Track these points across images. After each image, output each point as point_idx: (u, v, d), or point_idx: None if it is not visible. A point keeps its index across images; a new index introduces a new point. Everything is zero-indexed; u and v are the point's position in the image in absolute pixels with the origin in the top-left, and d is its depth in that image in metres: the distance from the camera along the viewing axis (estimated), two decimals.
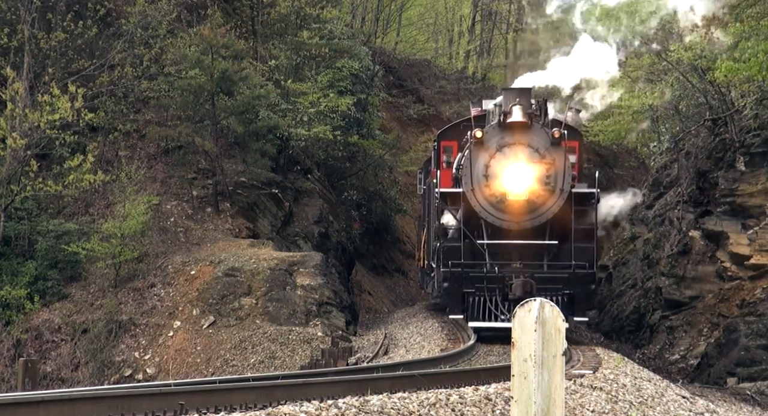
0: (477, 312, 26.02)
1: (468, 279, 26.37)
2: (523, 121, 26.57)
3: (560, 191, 26.40)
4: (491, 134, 26.77)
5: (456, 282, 26.42)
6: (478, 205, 26.69)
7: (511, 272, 26.15)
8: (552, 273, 26.34)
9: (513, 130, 26.54)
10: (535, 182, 26.23)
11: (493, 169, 26.47)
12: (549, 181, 26.30)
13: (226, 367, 27.25)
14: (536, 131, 26.62)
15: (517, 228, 26.61)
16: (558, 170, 26.32)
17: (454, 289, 26.51)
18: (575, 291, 25.86)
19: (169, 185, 33.70)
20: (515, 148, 26.42)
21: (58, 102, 30.46)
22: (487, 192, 26.58)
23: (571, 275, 26.10)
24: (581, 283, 26.03)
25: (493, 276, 26.16)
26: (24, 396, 10.33)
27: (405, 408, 10.82)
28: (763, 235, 29.14)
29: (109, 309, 29.50)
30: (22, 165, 30.67)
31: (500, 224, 26.63)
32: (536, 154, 26.29)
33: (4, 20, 32.50)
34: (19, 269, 30.24)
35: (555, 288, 25.77)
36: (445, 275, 26.62)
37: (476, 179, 26.71)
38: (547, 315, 6.80)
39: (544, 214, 26.50)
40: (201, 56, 32.85)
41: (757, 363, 27.11)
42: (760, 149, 29.64)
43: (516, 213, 26.48)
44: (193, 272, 30.48)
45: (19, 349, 28.86)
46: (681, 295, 30.56)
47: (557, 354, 6.82)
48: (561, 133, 26.53)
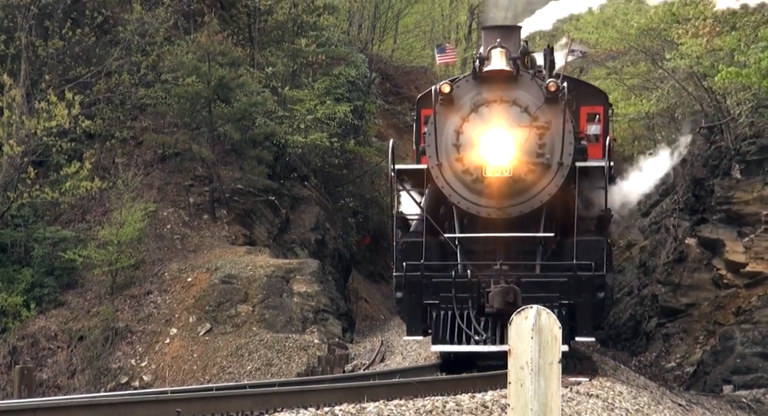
0: (443, 331, 19.14)
1: (430, 286, 19.45)
2: (507, 69, 19.62)
3: (558, 165, 19.52)
4: (464, 89, 19.94)
5: (413, 291, 19.51)
6: (447, 186, 19.82)
7: (489, 276, 19.07)
8: (546, 276, 19.41)
9: (493, 83, 19.75)
10: (524, 153, 19.37)
11: (466, 135, 19.58)
12: (543, 151, 19.46)
13: (222, 374, 27.25)
14: (525, 84, 19.85)
15: (501, 217, 19.69)
16: (555, 137, 19.51)
17: (410, 301, 19.59)
18: (576, 302, 19.06)
19: (166, 192, 33.72)
20: (495, 107, 19.58)
21: (55, 109, 30.50)
22: (459, 167, 19.67)
23: (571, 279, 19.21)
24: (585, 290, 19.18)
25: (464, 281, 19.05)
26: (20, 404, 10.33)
27: (401, 415, 10.83)
28: (759, 243, 29.16)
29: (105, 317, 29.50)
30: (18, 172, 30.70)
31: (477, 211, 19.76)
32: (525, 114, 19.52)
33: (1, 27, 32.56)
34: (15, 276, 30.24)
35: (549, 297, 18.82)
36: (399, 281, 19.84)
37: (444, 150, 19.80)
38: (543, 323, 6.82)
39: (536, 197, 19.59)
40: (198, 63, 32.89)
41: (753, 371, 27.11)
42: (756, 157, 29.68)
43: (498, 195, 19.53)
44: (189, 279, 30.49)
45: (15, 357, 28.83)
46: (677, 303, 30.58)
47: (554, 362, 6.83)
48: (558, 85, 19.50)
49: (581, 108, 22.91)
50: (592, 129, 22.66)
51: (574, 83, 23.43)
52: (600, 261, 19.48)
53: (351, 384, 13.82)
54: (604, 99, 24.06)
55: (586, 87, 24.38)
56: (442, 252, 20.12)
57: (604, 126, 23.19)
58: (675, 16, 27.47)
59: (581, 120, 22.91)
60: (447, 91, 19.75)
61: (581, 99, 23.00)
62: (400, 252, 20.18)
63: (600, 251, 19.60)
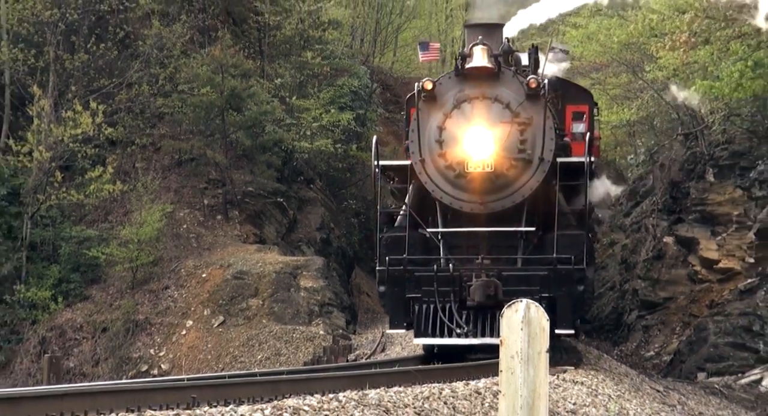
0: (425, 324, 18.31)
1: (413, 280, 18.58)
2: (488, 66, 18.71)
3: (539, 161, 18.66)
4: (447, 86, 19.07)
5: (396, 284, 18.69)
6: (430, 182, 18.97)
7: (470, 270, 18.34)
8: (527, 270, 18.55)
9: (475, 80, 18.84)
10: (505, 149, 18.53)
11: (448, 132, 18.74)
12: (524, 147, 18.59)
13: (234, 363, 27.24)
14: (506, 80, 18.93)
15: (483, 212, 18.84)
16: (536, 133, 18.64)
17: (393, 294, 18.74)
18: (556, 295, 18.14)
19: (182, 194, 33.71)
20: (477, 104, 18.71)
21: (80, 118, 30.54)
22: (442, 163, 18.81)
23: (551, 273, 18.30)
24: (565, 284, 18.29)
25: (446, 275, 18.29)
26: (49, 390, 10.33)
27: (401, 401, 10.82)
28: (731, 241, 29.19)
29: (126, 310, 29.50)
30: (47, 176, 30.70)
31: (460, 206, 18.88)
32: (506, 111, 18.64)
33: (32, 42, 32.57)
34: (44, 272, 30.26)
35: (530, 290, 17.84)
36: (381, 276, 18.99)
37: (427, 147, 19.00)
38: (532, 315, 6.83)
39: (518, 192, 18.70)
40: (212, 75, 32.89)
41: (725, 360, 27.12)
42: (728, 162, 29.72)
43: (480, 191, 18.70)
44: (204, 275, 30.48)
45: (45, 346, 28.86)
46: (656, 297, 30.58)
47: (542, 351, 6.83)
48: (539, 81, 18.71)
49: (567, 107, 22.11)
50: (578, 127, 21.71)
51: (560, 83, 22.86)
52: (580, 255, 18.48)
53: (354, 372, 13.81)
54: (589, 98, 23.30)
55: (571, 86, 23.54)
56: (426, 246, 19.25)
57: (590, 124, 22.37)
58: (653, 30, 27.44)
59: (567, 119, 22.17)
60: (429, 87, 18.88)
61: (567, 98, 22.34)
62: (383, 247, 19.23)
63: (580, 245, 18.59)
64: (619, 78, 33.37)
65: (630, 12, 31.00)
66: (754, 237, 28.62)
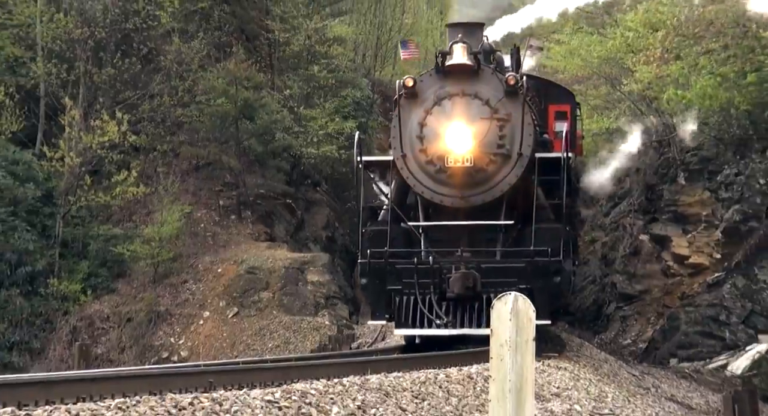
0: (406, 315, 17.37)
1: (394, 273, 17.60)
2: (468, 63, 17.76)
3: (518, 156, 17.75)
4: (427, 83, 18.12)
5: (377, 277, 17.73)
6: (412, 177, 18.01)
7: (450, 263, 17.45)
8: (504, 262, 17.59)
9: (455, 77, 17.93)
10: (485, 144, 17.61)
11: (429, 128, 17.78)
12: (503, 142, 17.68)
13: (247, 351, 27.25)
14: (486, 78, 17.98)
15: (463, 206, 17.89)
16: (515, 128, 17.67)
17: (374, 286, 17.81)
18: (534, 286, 16.96)
19: (200, 196, 33.71)
20: (457, 100, 17.76)
21: (107, 126, 30.55)
22: (423, 158, 17.85)
23: (528, 265, 17.32)
24: (542, 276, 17.33)
25: (426, 268, 17.31)
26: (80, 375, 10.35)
27: (399, 385, 10.83)
28: (700, 239, 29.19)
29: (149, 302, 29.50)
30: (77, 179, 30.72)
31: (440, 200, 17.94)
32: (486, 107, 17.71)
33: (64, 58, 32.59)
34: (74, 267, 30.26)
35: (508, 282, 16.85)
36: (363, 268, 18.00)
37: (408, 142, 18.04)
38: (520, 307, 6.83)
39: (497, 187, 17.75)
40: (227, 87, 32.90)
41: (695, 347, 27.16)
42: (697, 166, 29.73)
43: (460, 185, 17.72)
44: (219, 270, 30.48)
45: (75, 335, 28.85)
46: (632, 289, 30.58)
47: (528, 340, 6.84)
48: (517, 79, 17.82)
49: (549, 106, 21.35)
50: (560, 126, 20.62)
51: (543, 83, 22.20)
52: (557, 247, 17.52)
53: (356, 359, 13.83)
54: (571, 98, 22.56)
55: (554, 87, 22.80)
56: (408, 240, 18.29)
57: (571, 123, 21.57)
58: (630, 46, 27.46)
59: (550, 118, 21.43)
60: (410, 84, 17.92)
61: (550, 98, 21.65)
62: (366, 241, 18.26)
63: (558, 238, 17.64)
64: (598, 90, 33.37)
65: (609, 29, 31.03)
66: (721, 235, 28.64)
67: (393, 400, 10.20)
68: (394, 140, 18.24)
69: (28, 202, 30.12)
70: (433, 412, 10.41)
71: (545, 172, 18.00)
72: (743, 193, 28.48)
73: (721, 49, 24.76)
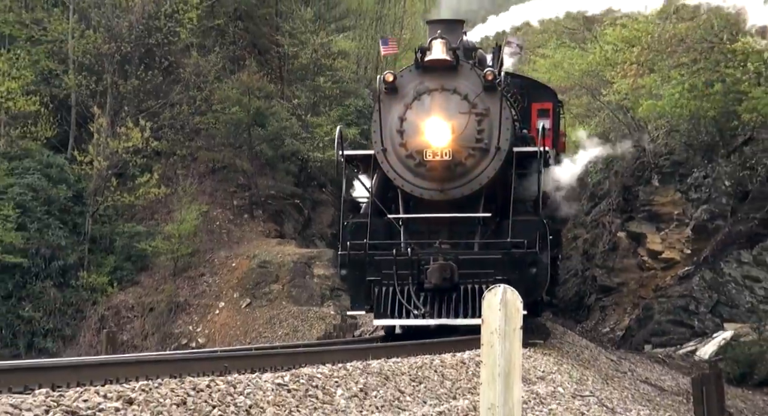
0: (385, 306, 16.30)
1: (373, 264, 16.54)
2: (447, 59, 16.67)
3: (496, 150, 16.68)
4: (407, 78, 17.05)
5: (357, 268, 16.67)
6: (392, 171, 16.99)
7: (428, 254, 16.37)
8: (481, 254, 16.56)
9: (434, 73, 16.84)
10: (463, 138, 16.58)
11: (409, 122, 16.74)
12: (482, 136, 16.63)
13: (259, 338, 27.27)
14: (464, 73, 16.91)
15: (443, 199, 16.84)
16: (493, 123, 16.61)
17: (354, 277, 16.77)
18: (510, 278, 15.58)
19: (216, 197, 33.72)
20: (437, 95, 16.73)
21: (131, 133, 30.58)
22: (403, 152, 16.81)
23: (505, 256, 16.29)
24: (518, 267, 16.27)
25: (404, 259, 16.27)
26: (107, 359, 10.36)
27: (398, 369, 10.83)
28: (672, 236, 29.24)
29: (169, 293, 29.51)
30: (104, 181, 30.76)
31: (420, 193, 16.91)
32: (464, 102, 16.67)
33: (93, 70, 32.65)
34: (102, 261, 30.29)
35: (485, 273, 16.12)
36: (343, 259, 16.89)
37: (389, 137, 16.98)
38: (509, 298, 6.84)
39: (475, 180, 16.73)
40: (240, 97, 32.90)
41: (667, 334, 27.19)
42: (669, 170, 29.78)
43: (439, 178, 16.73)
44: (233, 264, 30.49)
45: (103, 323, 28.89)
46: (611, 282, 30.60)
47: (516, 328, 6.84)
48: (495, 74, 16.77)
49: (532, 104, 20.33)
50: (543, 123, 19.24)
51: (526, 82, 21.40)
52: (534, 239, 16.49)
53: (359, 346, 13.80)
54: (553, 96, 21.53)
55: (537, 85, 21.83)
56: (390, 232, 17.12)
57: (553, 120, 20.61)
58: (608, 60, 27.47)
59: (532, 115, 20.37)
60: (390, 79, 16.89)
61: (533, 96, 20.66)
62: (348, 233, 17.16)
63: (535, 230, 16.62)
64: (580, 99, 33.42)
65: (589, 44, 31.04)
66: (691, 232, 28.69)
67: (392, 383, 10.20)
68: (375, 134, 17.17)
69: (61, 201, 30.18)
70: (429, 394, 10.42)
71: (524, 166, 17.04)
72: (711, 194, 28.52)
73: (691, 62, 24.77)
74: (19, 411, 5.73)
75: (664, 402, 19.11)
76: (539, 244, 16.52)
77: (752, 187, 27.51)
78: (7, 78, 30.81)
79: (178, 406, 6.92)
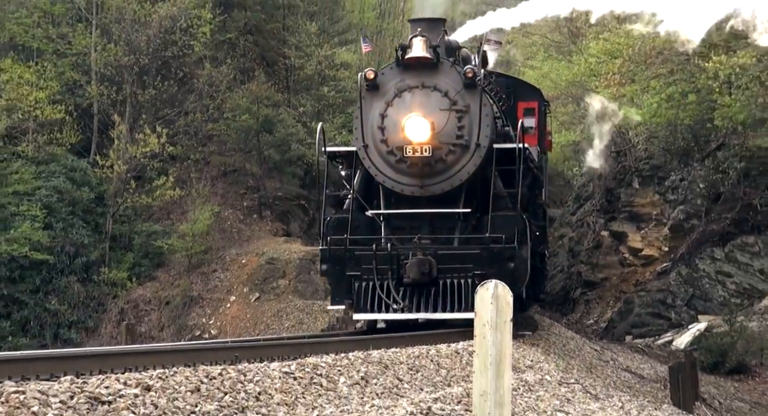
0: (365, 300, 15.42)
1: (353, 259, 15.61)
2: (427, 56, 15.76)
3: (476, 146, 15.75)
4: (388, 76, 16.16)
5: (337, 263, 15.74)
6: (373, 167, 16.09)
7: (408, 249, 15.49)
8: (460, 249, 15.66)
9: (415, 70, 15.92)
10: (444, 135, 15.68)
11: (390, 119, 15.85)
12: (462, 133, 15.69)
13: (267, 330, 27.27)
14: (445, 70, 15.97)
15: (423, 195, 15.95)
16: (473, 120, 15.68)
17: (334, 272, 15.82)
18: (488, 272, 14.58)
19: (227, 198, 33.73)
20: (417, 92, 15.83)
21: (149, 139, 30.63)
22: (384, 149, 15.92)
23: (483, 251, 15.38)
24: (496, 261, 15.30)
25: (384, 254, 15.39)
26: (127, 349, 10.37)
27: (397, 358, 10.83)
28: (651, 234, 29.26)
29: (184, 288, 29.52)
30: (124, 184, 30.79)
31: (401, 189, 15.97)
32: (445, 99, 15.77)
33: (113, 81, 32.75)
34: (122, 258, 30.32)
35: (464, 268, 15.28)
36: (323, 255, 16.00)
37: (370, 133, 16.14)
38: (500, 292, 6.85)
39: (456, 176, 15.81)
40: (250, 105, 32.93)
41: (646, 326, 27.21)
42: (649, 173, 29.82)
43: (420, 175, 15.81)
44: (243, 261, 30.49)
45: (123, 315, 28.92)
46: (594, 277, 30.61)
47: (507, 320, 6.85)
48: (475, 71, 15.77)
49: (518, 103, 19.35)
50: (528, 122, 18.63)
51: (512, 81, 20.70)
52: (512, 234, 15.54)
53: (360, 337, 13.77)
54: (539, 95, 20.56)
55: (523, 84, 20.97)
56: (372, 228, 16.21)
57: (539, 119, 19.66)
58: (592, 71, 27.49)
59: (519, 114, 19.25)
60: (372, 77, 16.05)
61: (519, 95, 19.73)
62: (330, 229, 16.18)
63: (514, 225, 15.65)
64: (566, 107, 33.41)
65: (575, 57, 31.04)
66: (668, 231, 28.71)
67: (391, 372, 10.21)
68: (357, 131, 16.33)
69: (84, 203, 30.25)
70: (425, 382, 10.43)
71: (505, 163, 15.94)
72: (686, 195, 28.54)
73: (668, 73, 24.81)
74: (46, 396, 5.75)
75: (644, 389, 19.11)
76: (518, 239, 15.63)
77: (724, 189, 27.55)
78: (35, 88, 30.99)
79: (192, 393, 6.93)
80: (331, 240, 15.86)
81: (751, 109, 22.80)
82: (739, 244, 26.90)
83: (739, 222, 27.05)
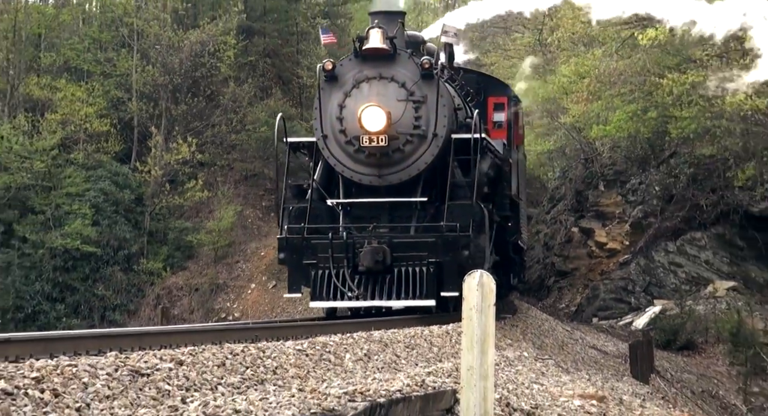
0: (321, 289, 13.87)
1: (310, 248, 14.02)
2: (384, 47, 14.16)
3: (433, 136, 14.19)
4: (347, 67, 14.53)
5: (294, 252, 14.16)
6: (332, 157, 14.50)
7: (363, 238, 13.91)
8: (415, 237, 14.05)
9: (373, 61, 14.31)
10: (401, 125, 14.12)
11: (348, 109, 14.27)
12: (419, 123, 14.18)
13: (283, 313, 27.27)
14: (402, 62, 14.39)
15: (382, 184, 14.36)
16: (430, 110, 14.15)
17: (292, 261, 14.27)
18: (443, 260, 13.62)
19: (248, 199, 33.71)
20: (375, 83, 14.26)
21: (181, 147, 30.70)
22: (342, 139, 14.35)
23: (438, 239, 13.76)
24: (451, 250, 13.69)
25: (339, 243, 13.81)
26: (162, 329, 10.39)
27: (395, 338, 10.85)
28: (614, 230, 29.27)
29: (211, 276, 29.54)
30: (160, 187, 30.85)
31: (359, 179, 14.41)
32: (402, 89, 14.21)
33: (151, 98, 32.85)
34: (158, 251, 30.35)
35: (420, 256, 13.68)
36: (281, 243, 14.45)
37: (329, 124, 14.50)
38: (484, 280, 6.86)
39: (413, 165, 14.25)
40: (268, 118, 32.88)
41: (610, 309, 27.24)
42: (613, 177, 29.87)
43: (377, 164, 14.26)
44: (262, 253, 30.49)
45: (159, 300, 28.94)
46: (566, 267, 30.59)
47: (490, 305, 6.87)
48: (431, 62, 14.20)
49: (489, 98, 17.74)
50: (498, 116, 17.39)
51: (481, 77, 19.21)
52: (468, 223, 13.81)
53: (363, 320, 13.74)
54: (508, 90, 18.78)
55: (492, 80, 19.26)
56: (333, 218, 14.60)
57: (508, 115, 17.89)
58: (564, 89, 27.54)
59: (489, 109, 17.71)
60: (330, 68, 14.40)
61: (489, 90, 18.00)
62: (293, 218, 14.57)
63: (470, 214, 13.92)
64: (542, 120, 33.41)
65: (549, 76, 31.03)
66: (629, 227, 28.75)
67: (390, 349, 10.23)
68: (316, 122, 14.70)
69: (126, 203, 30.34)
70: (420, 358, 10.44)
71: (464, 153, 14.30)
72: (644, 197, 28.62)
73: (629, 92, 24.89)
74: (94, 369, 5.78)
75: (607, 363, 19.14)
76: (474, 228, 13.89)
77: (676, 191, 27.74)
78: (85, 104, 31.26)
79: (218, 367, 6.96)
80: (288, 228, 14.33)
81: (700, 121, 22.89)
82: (689, 239, 27.08)
83: (689, 220, 27.20)
